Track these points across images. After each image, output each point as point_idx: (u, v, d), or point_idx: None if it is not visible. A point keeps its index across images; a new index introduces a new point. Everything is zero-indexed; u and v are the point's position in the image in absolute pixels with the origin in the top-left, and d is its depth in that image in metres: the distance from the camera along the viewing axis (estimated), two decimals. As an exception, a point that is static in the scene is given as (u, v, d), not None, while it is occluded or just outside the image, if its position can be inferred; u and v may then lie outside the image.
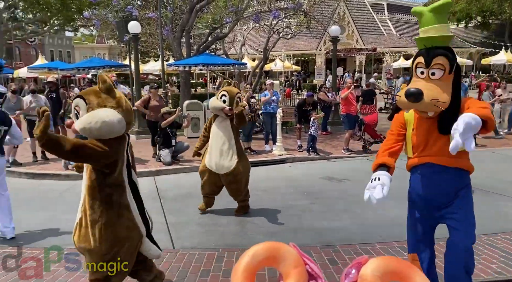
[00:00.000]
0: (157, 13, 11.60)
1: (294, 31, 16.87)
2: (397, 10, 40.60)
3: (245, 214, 5.24)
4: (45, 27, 26.84)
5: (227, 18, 13.15)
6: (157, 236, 4.43)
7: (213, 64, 12.97)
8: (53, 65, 18.64)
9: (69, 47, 49.35)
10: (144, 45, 22.38)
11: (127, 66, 16.22)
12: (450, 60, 2.40)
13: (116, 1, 12.34)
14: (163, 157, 8.19)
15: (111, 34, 26.85)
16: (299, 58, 34.79)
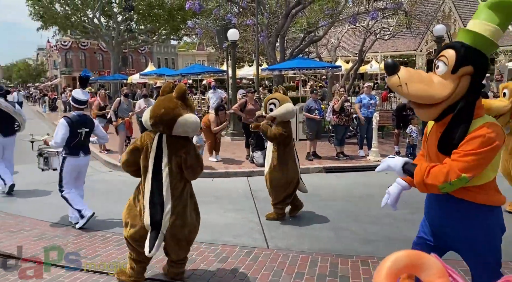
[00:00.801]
0: (254, 19, 12.05)
1: (393, 32, 16.08)
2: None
3: (339, 221, 5.16)
4: (154, 36, 29.63)
5: (322, 21, 13.09)
6: (252, 235, 4.65)
7: (306, 68, 13.02)
8: (161, 72, 20.52)
9: (174, 54, 53.68)
10: (240, 51, 23.41)
11: (224, 72, 17.11)
12: (458, 55, 1.99)
13: (217, 10, 13.12)
14: (256, 159, 8.46)
15: (210, 42, 28.56)
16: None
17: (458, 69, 1.99)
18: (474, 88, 2.04)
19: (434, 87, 2.00)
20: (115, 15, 25.38)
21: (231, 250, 4.21)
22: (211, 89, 13.80)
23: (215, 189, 6.99)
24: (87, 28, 25.57)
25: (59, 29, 26.36)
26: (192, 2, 12.37)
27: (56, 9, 24.30)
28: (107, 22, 27.58)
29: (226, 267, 3.80)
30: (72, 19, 25.03)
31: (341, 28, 21.03)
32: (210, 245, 4.35)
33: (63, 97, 26.45)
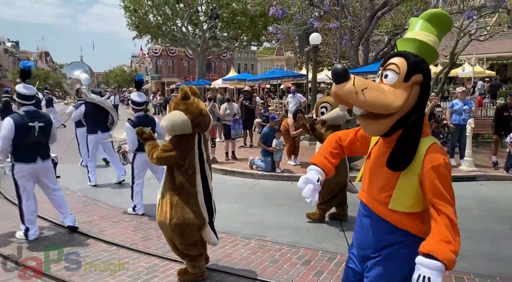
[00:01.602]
0: (337, 23, 11.89)
1: (491, 32, 14.71)
2: None
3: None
4: (236, 43, 30.71)
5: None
6: (334, 241, 4.58)
7: (392, 71, 12.45)
8: (242, 77, 21.20)
9: (253, 60, 55.08)
10: (320, 54, 23.21)
11: (303, 76, 17.11)
12: (409, 63, 1.85)
13: (299, 15, 13.19)
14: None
15: (290, 46, 28.77)
16: (494, 62, 30.02)
17: (411, 77, 1.86)
18: (424, 99, 1.91)
19: (389, 95, 1.83)
20: (201, 23, 26.82)
21: (313, 253, 4.20)
22: (290, 93, 13.89)
23: (294, 193, 7.00)
24: (176, 36, 27.38)
25: (152, 37, 28.61)
26: (275, 8, 12.61)
27: (149, 20, 26.43)
28: (194, 30, 29.25)
29: (310, 270, 3.80)
30: (163, 28, 26.99)
31: (430, 29, 19.75)
32: (292, 247, 4.38)
33: (153, 101, 28.68)
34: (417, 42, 1.92)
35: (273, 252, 4.22)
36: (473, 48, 23.39)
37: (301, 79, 19.10)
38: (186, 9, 25.28)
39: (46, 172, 4.72)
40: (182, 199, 3.35)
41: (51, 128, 4.74)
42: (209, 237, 3.51)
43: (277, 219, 5.45)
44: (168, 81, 43.97)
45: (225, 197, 6.72)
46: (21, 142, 4.43)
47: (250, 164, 8.70)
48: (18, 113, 4.56)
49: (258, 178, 8.20)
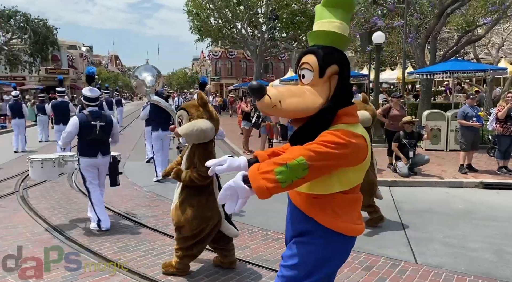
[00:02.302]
0: (402, 21, 11.39)
1: None
2: None
3: (502, 244, 4.50)
4: (294, 43, 30.63)
5: (483, 19, 11.59)
6: (398, 248, 4.41)
7: (462, 71, 11.68)
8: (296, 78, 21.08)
9: (311, 60, 54.54)
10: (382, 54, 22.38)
11: (365, 76, 16.63)
12: (320, 60, 1.83)
13: (361, 13, 12.84)
14: (399, 168, 7.97)
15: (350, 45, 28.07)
16: None
17: (325, 70, 1.84)
18: (345, 87, 1.89)
19: (308, 97, 1.82)
20: (260, 25, 27.11)
21: (375, 260, 4.07)
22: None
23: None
24: (235, 38, 27.95)
25: (212, 40, 29.46)
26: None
27: (211, 23, 27.25)
28: (253, 31, 29.66)
29: (371, 276, 3.69)
30: (223, 30, 27.69)
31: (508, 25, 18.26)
32: (353, 251, 4.26)
33: (212, 102, 29.54)
34: (323, 33, 1.90)
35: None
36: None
37: (362, 79, 18.58)
38: (246, 11, 25.69)
39: (104, 167, 5.18)
40: (202, 199, 3.57)
41: (111, 128, 5.20)
42: (228, 231, 3.74)
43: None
44: (226, 82, 45.03)
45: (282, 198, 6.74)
46: (84, 138, 4.95)
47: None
48: (83, 113, 5.10)
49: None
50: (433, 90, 23.45)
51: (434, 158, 9.38)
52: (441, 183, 7.49)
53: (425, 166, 8.28)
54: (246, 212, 5.64)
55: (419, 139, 8.43)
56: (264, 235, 4.85)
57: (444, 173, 7.99)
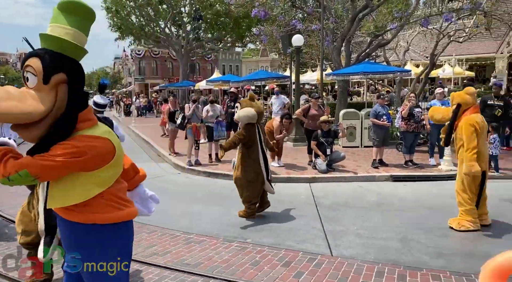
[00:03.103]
0: (320, 25, 11.98)
1: (469, 33, 15.04)
2: None
3: (407, 232, 4.93)
4: (220, 44, 30.65)
5: (391, 24, 12.64)
6: (315, 241, 4.61)
7: (373, 72, 12.63)
8: (226, 78, 21.16)
9: (238, 61, 55.05)
10: (304, 56, 23.33)
11: (287, 77, 17.19)
12: (44, 63, 1.77)
13: (282, 17, 13.25)
14: (318, 165, 8.36)
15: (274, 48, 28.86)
16: (473, 63, 30.70)
17: (50, 77, 1.77)
18: (74, 98, 1.84)
19: (27, 102, 1.73)
20: (185, 24, 26.69)
21: (294, 255, 4.21)
22: (274, 94, 13.96)
23: (278, 194, 6.98)
24: (159, 37, 27.18)
25: (134, 39, 28.32)
26: (257, 10, 12.63)
27: (132, 21, 26.17)
28: (177, 31, 29.09)
29: (290, 271, 3.81)
30: (146, 29, 26.76)
31: (412, 30, 20.11)
32: (273, 248, 4.39)
33: (136, 103, 28.37)
34: (54, 39, 1.82)
35: (254, 254, 4.22)
36: (453, 49, 23.89)
37: (285, 80, 19.16)
38: (169, 10, 25.11)
39: None
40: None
41: None
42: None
43: (260, 221, 5.44)
44: (151, 83, 43.55)
45: (209, 200, 6.71)
46: None
47: (233, 166, 8.67)
48: None
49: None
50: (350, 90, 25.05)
51: (350, 154, 9.99)
52: (356, 178, 8.00)
53: (342, 162, 8.77)
54: (171, 216, 5.50)
55: (335, 137, 8.92)
56: (187, 238, 4.76)
57: (359, 168, 8.55)
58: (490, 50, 28.15)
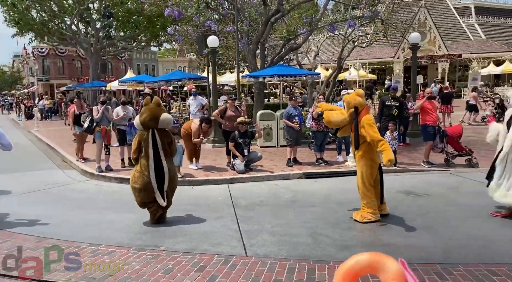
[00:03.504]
0: (235, 27, 12.10)
1: (370, 39, 16.41)
2: (486, 13, 37.39)
3: (317, 227, 5.18)
4: (133, 43, 29.35)
5: (301, 29, 13.25)
6: (230, 243, 4.63)
7: (286, 75, 13.12)
8: (140, 78, 20.31)
9: (154, 61, 53.32)
10: (221, 57, 23.39)
11: (205, 78, 17.08)
12: None
13: (197, 17, 13.11)
14: (236, 166, 8.44)
15: (191, 48, 28.47)
16: (375, 67, 33.65)
17: None
18: None
19: None
20: (94, 21, 25.05)
21: (209, 258, 4.17)
22: (192, 95, 13.77)
23: (195, 197, 6.94)
24: (64, 34, 25.13)
25: (36, 35, 25.84)
26: (171, 9, 12.33)
27: (32, 16, 23.82)
28: (86, 28, 27.19)
29: (204, 276, 3.76)
30: (49, 25, 24.56)
31: (321, 35, 21.37)
32: (188, 254, 4.30)
33: (39, 105, 25.87)
34: None
35: (167, 262, 4.09)
36: (358, 54, 25.91)
37: (203, 81, 19.01)
38: (75, 6, 23.35)
39: None
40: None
41: None
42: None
43: (175, 226, 5.30)
44: (58, 83, 40.06)
45: (121, 207, 6.36)
46: None
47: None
48: None
49: (157, 185, 7.91)
50: (266, 92, 25.77)
51: (268, 154, 10.25)
52: (272, 177, 8.23)
53: (259, 162, 8.96)
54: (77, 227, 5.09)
55: (252, 138, 9.08)
56: (93, 251, 4.44)
57: (275, 168, 8.81)
58: (389, 55, 31.12)
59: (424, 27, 29.92)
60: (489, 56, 30.98)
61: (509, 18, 38.47)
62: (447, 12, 36.27)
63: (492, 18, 36.98)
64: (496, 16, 36.95)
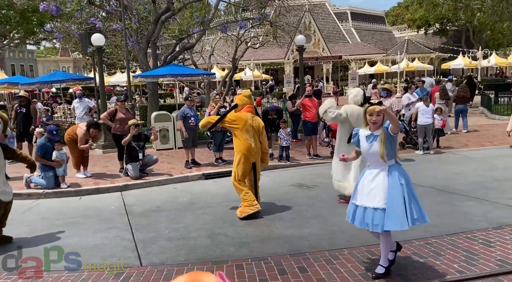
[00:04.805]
0: (122, 24, 11.44)
1: (262, 41, 17.05)
2: (360, 19, 41.96)
3: (216, 227, 5.18)
4: (4, 40, 25.85)
5: (194, 29, 13.13)
6: (124, 254, 4.36)
7: (181, 75, 12.89)
8: (14, 80, 17.92)
9: (32, 60, 47.80)
10: (109, 57, 21.96)
11: (91, 79, 15.86)
12: None
13: (79, 14, 12.08)
14: (130, 171, 7.99)
15: (75, 47, 26.22)
16: (268, 67, 35.19)
17: None
18: None
19: None
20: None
21: (99, 274, 3.85)
22: (77, 98, 12.66)
23: (84, 208, 6.38)
24: None
25: None
26: (46, 4, 11.12)
27: None
28: None
29: (92, 294, 3.46)
30: None
31: (214, 36, 21.51)
32: (74, 272, 3.91)
33: None
34: None
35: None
36: (251, 54, 26.74)
37: (90, 82, 17.60)
38: None
39: None
40: None
41: None
42: None
43: (59, 242, 4.77)
44: None
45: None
46: None
47: (26, 182, 7.43)
48: None
49: (38, 198, 7.09)
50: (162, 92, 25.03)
51: (165, 157, 9.94)
52: (170, 180, 8.00)
53: (155, 165, 8.63)
54: None
55: (147, 141, 8.70)
56: None
57: (173, 170, 8.58)
58: (280, 56, 32.85)
59: (309, 30, 32.27)
60: (364, 58, 34.77)
61: (379, 23, 43.74)
62: (328, 17, 39.69)
63: (365, 23, 41.59)
64: (369, 22, 41.61)
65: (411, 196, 3.40)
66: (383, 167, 3.48)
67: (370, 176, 3.53)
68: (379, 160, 3.46)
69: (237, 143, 5.68)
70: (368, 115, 3.52)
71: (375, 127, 3.50)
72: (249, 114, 5.71)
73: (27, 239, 4.97)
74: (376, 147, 3.44)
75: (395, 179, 3.40)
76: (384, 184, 3.41)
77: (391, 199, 3.35)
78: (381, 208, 3.36)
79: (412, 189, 3.47)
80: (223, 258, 4.16)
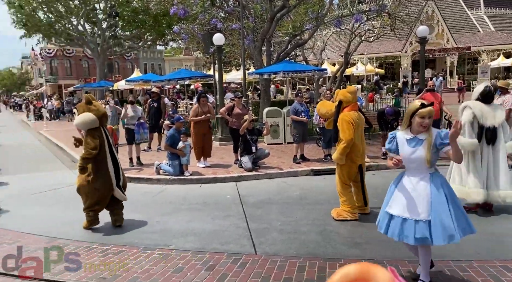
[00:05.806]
0: (240, 24, 12.05)
1: (377, 34, 16.25)
2: (494, 4, 36.84)
3: (326, 224, 5.14)
4: (140, 42, 29.46)
5: (307, 25, 13.15)
6: (240, 242, 4.61)
7: (293, 71, 13.05)
8: (147, 77, 20.38)
9: (160, 60, 53.43)
10: (226, 55, 23.35)
11: (211, 76, 17.08)
12: None
13: (202, 15, 13.09)
14: (244, 164, 8.41)
15: (197, 46, 28.47)
16: (383, 61, 33.37)
17: None
18: None
19: None
20: (100, 21, 25.18)
21: (219, 257, 4.16)
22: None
23: (204, 195, 6.93)
24: (71, 35, 25.32)
25: (43, 36, 26.05)
26: (176, 8, 12.32)
27: (39, 17, 24.01)
28: (92, 29, 27.34)
29: (214, 275, 3.75)
30: (56, 26, 24.76)
31: (327, 31, 21.20)
32: (197, 253, 4.29)
33: (48, 106, 26.12)
34: None
35: (177, 261, 4.09)
36: (365, 48, 25.69)
37: (210, 79, 19.02)
38: (81, 6, 23.49)
39: None
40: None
41: None
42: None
43: (184, 226, 5.30)
44: (65, 84, 40.41)
45: (129, 207, 6.35)
46: None
47: (156, 169, 8.38)
48: None
49: (166, 184, 7.93)
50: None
51: (275, 151, 10.22)
52: (280, 174, 8.20)
53: (267, 159, 8.93)
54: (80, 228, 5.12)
55: (259, 135, 9.05)
56: (103, 250, 4.45)
57: (283, 164, 8.77)
58: (397, 49, 30.84)
59: (432, 20, 29.59)
60: (498, 48, 30.54)
61: (518, 9, 37.89)
62: (455, 4, 35.80)
63: (502, 9, 36.42)
64: (506, 8, 36.35)
65: (455, 206, 3.08)
66: (423, 175, 3.19)
67: (409, 184, 3.26)
68: (422, 166, 3.18)
69: None
70: (419, 117, 3.18)
71: (422, 131, 3.19)
72: (356, 113, 5.38)
73: (159, 219, 5.61)
74: (422, 152, 3.15)
75: (438, 188, 3.11)
76: (426, 193, 3.13)
77: (436, 210, 3.05)
78: (423, 220, 3.09)
79: (455, 198, 3.16)
80: (336, 256, 4.12)
